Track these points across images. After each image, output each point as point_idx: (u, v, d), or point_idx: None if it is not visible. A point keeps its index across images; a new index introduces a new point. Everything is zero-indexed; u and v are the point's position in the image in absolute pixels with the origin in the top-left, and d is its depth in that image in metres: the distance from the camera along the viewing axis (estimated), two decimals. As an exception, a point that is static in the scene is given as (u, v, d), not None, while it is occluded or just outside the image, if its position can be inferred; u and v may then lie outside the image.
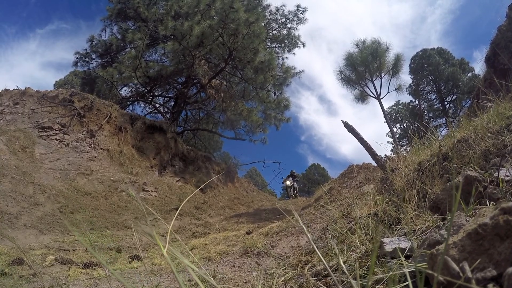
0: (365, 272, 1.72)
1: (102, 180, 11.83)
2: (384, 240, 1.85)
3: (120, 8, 20.93)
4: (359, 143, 5.01)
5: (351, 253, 2.33)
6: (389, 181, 3.82)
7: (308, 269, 2.68)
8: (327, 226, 4.15)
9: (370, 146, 5.08)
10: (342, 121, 5.07)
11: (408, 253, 1.64)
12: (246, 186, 21.77)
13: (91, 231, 8.30)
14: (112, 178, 12.11)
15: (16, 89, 15.46)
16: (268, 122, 21.83)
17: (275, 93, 20.76)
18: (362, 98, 18.63)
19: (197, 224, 10.37)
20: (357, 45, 18.12)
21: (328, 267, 1.10)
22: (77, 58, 21.38)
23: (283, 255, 4.28)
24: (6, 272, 4.35)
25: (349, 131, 5.02)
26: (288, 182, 22.57)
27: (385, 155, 5.27)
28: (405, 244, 1.75)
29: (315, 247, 1.02)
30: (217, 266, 4.63)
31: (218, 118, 22.94)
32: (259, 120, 21.26)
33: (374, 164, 8.40)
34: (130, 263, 5.29)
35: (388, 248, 1.74)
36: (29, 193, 9.33)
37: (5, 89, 15.46)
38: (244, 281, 3.69)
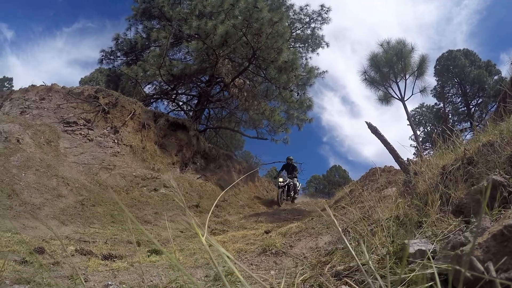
0: (389, 273, 1.73)
1: (124, 175, 12.02)
2: (407, 242, 1.86)
3: (145, 7, 21.19)
4: (383, 145, 4.98)
5: (371, 255, 2.34)
6: (412, 184, 3.80)
7: (328, 269, 2.69)
8: (348, 227, 4.09)
9: (393, 148, 5.05)
10: (366, 122, 5.04)
11: (431, 255, 1.65)
12: (266, 185, 21.65)
13: (112, 224, 8.44)
14: (134, 174, 12.29)
15: (43, 85, 15.81)
16: (291, 122, 21.60)
17: (298, 93, 20.57)
18: (386, 99, 18.33)
19: (216, 222, 10.44)
20: (381, 45, 17.81)
21: (360, 264, 1.13)
22: (103, 56, 21.86)
23: (301, 255, 4.29)
24: (27, 260, 4.44)
25: (373, 132, 4.99)
26: (281, 180, 16.60)
27: (407, 158, 5.22)
28: (428, 246, 1.76)
29: (346, 241, 1.05)
30: (234, 263, 4.65)
31: (240, 117, 22.89)
32: (281, 119, 21.14)
33: (396, 167, 8.34)
34: (148, 256, 5.36)
35: (411, 250, 1.75)
36: (52, 185, 9.54)
37: (32, 85, 15.85)
38: (262, 279, 3.71)
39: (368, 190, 7.81)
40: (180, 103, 22.65)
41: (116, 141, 13.75)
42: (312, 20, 22.23)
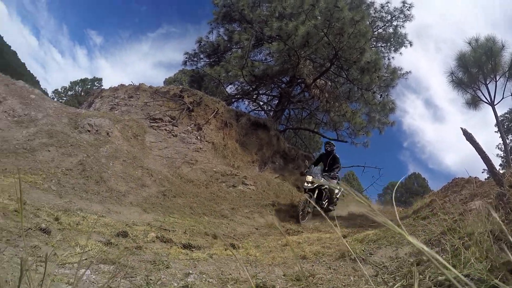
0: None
1: (205, 170, 12.34)
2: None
3: (225, 11, 21.65)
4: (470, 154, 4.62)
5: (463, 269, 2.17)
6: (506, 197, 3.51)
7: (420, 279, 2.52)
8: (431, 240, 3.97)
9: (489, 158, 4.67)
10: (462, 128, 4.72)
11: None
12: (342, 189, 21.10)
13: (190, 216, 8.69)
14: (214, 169, 12.57)
15: (131, 84, 17.05)
16: (372, 125, 20.80)
17: (381, 95, 19.77)
18: (473, 103, 17.01)
19: (292, 222, 10.33)
20: (469, 43, 16.48)
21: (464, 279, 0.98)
22: (186, 58, 22.75)
23: (381, 264, 4.07)
24: (112, 242, 4.61)
25: (467, 139, 4.66)
26: (309, 179, 10.85)
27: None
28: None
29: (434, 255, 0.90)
30: (312, 265, 4.52)
31: (320, 119, 22.45)
32: (362, 122, 20.46)
33: (481, 178, 7.72)
34: (225, 250, 5.36)
35: None
36: (137, 175, 10.12)
37: (121, 84, 17.33)
38: (343, 284, 3.56)
39: (450, 202, 7.27)
40: (261, 103, 22.87)
41: (199, 137, 14.22)
42: (394, 18, 21.03)
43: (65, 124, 11.39)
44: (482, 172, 27.96)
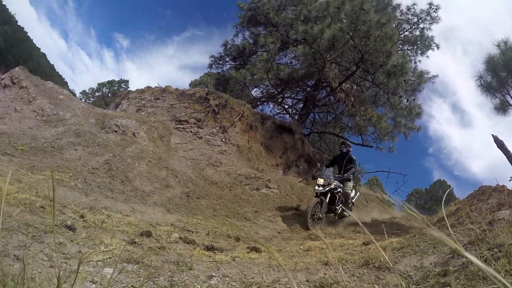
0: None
1: (229, 173, 12.35)
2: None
3: (251, 15, 21.81)
4: (499, 162, 4.48)
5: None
6: None
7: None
8: (456, 250, 3.77)
9: None
10: (493, 135, 4.61)
11: None
12: (366, 195, 20.77)
13: (213, 217, 8.70)
14: (238, 172, 12.57)
15: (157, 86, 17.34)
16: (397, 130, 20.40)
17: (407, 99, 19.39)
18: (502, 108, 16.50)
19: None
20: (498, 46, 15.94)
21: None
22: (212, 61, 22.96)
23: (405, 273, 3.96)
24: (136, 242, 4.62)
25: (498, 147, 4.55)
26: (321, 181, 9.95)
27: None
28: None
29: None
30: (336, 272, 4.44)
31: (346, 123, 22.24)
32: (388, 127, 20.10)
33: (509, 187, 7.45)
34: (248, 253, 5.31)
35: None
36: (162, 176, 10.20)
37: (148, 86, 17.62)
38: None
39: (476, 211, 7.05)
40: (286, 107, 22.80)
41: (224, 140, 14.28)
42: (420, 20, 20.54)
43: (92, 124, 11.61)
44: (510, 180, 27.16)
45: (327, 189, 9.92)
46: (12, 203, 4.48)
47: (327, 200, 9.98)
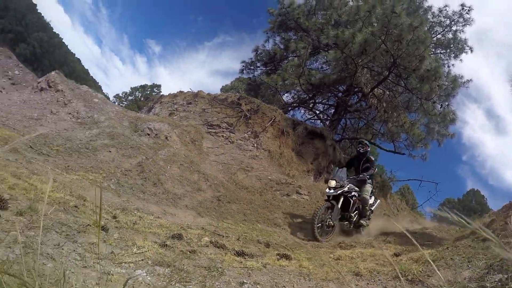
0: None
1: (260, 178, 12.31)
2: None
3: (281, 20, 21.70)
4: None
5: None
6: None
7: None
8: (492, 265, 3.76)
9: None
10: None
11: None
12: (397, 204, 20.07)
13: (243, 222, 8.68)
14: (269, 177, 12.50)
15: (190, 91, 17.57)
16: (431, 137, 19.69)
17: (441, 105, 18.72)
18: (537, 114, 15.84)
19: (344, 235, 10.02)
20: None
21: None
22: (243, 66, 23.20)
23: None
24: (167, 245, 4.61)
25: None
26: (332, 184, 8.79)
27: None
28: None
29: None
30: (368, 284, 4.32)
31: (378, 129, 21.75)
32: (421, 134, 19.52)
33: None
34: (278, 260, 5.23)
35: None
36: (193, 179, 10.29)
37: (180, 91, 17.95)
38: None
39: None
40: (317, 112, 22.59)
41: (255, 145, 14.28)
42: (453, 22, 19.59)
43: (126, 127, 11.82)
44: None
45: (339, 192, 8.74)
46: (47, 201, 4.55)
47: (339, 205, 8.77)
